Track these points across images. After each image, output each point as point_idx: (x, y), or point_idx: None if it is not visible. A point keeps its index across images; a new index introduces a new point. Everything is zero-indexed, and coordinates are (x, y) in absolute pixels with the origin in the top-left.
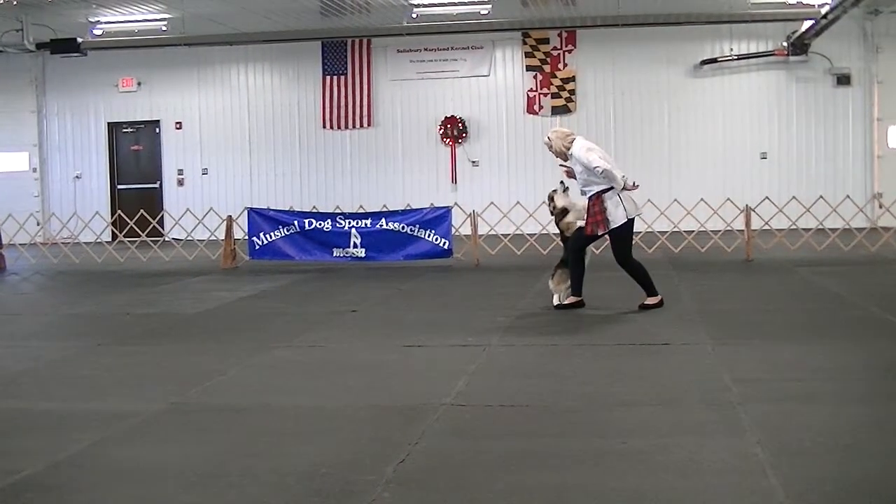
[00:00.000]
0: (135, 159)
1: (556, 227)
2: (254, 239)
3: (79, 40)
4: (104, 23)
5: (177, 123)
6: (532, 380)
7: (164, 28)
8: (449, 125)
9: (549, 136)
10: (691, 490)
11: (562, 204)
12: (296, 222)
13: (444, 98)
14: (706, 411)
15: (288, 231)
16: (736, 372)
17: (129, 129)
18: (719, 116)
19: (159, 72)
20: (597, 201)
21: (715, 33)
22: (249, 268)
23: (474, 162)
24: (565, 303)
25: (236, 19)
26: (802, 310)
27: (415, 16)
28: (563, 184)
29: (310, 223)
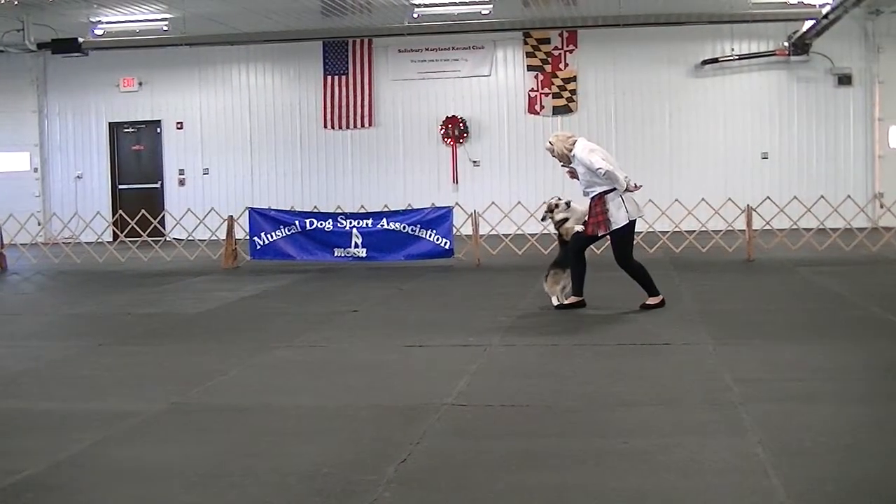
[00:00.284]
0: (136, 159)
1: (555, 229)
2: (255, 239)
3: (80, 40)
4: (105, 23)
5: (178, 123)
6: (533, 380)
7: (166, 28)
8: (450, 125)
9: (551, 141)
10: (692, 490)
11: (562, 216)
12: (297, 222)
13: (446, 98)
14: (707, 411)
15: (289, 231)
16: (737, 372)
17: (130, 129)
18: (720, 116)
19: (160, 72)
20: (599, 202)
21: (716, 33)
22: (250, 268)
23: (475, 162)
24: (566, 303)
25: (237, 19)
26: (803, 310)
27: (416, 16)
28: (569, 204)
29: (311, 223)
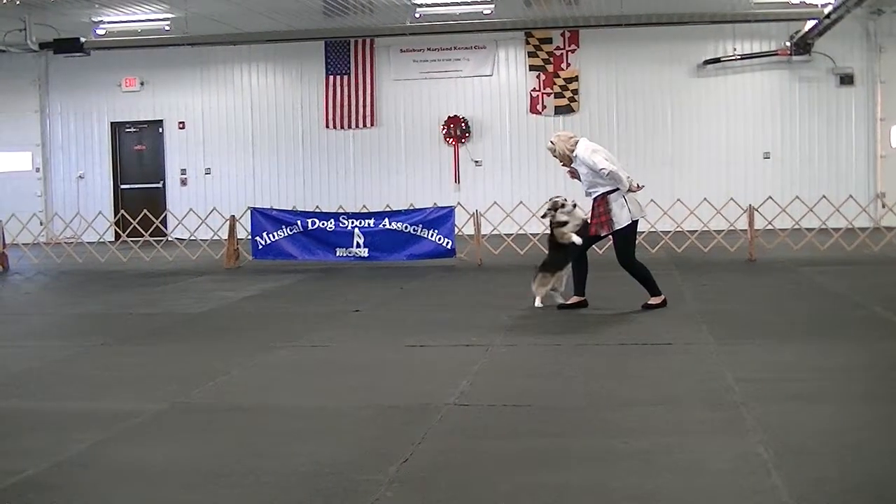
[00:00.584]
0: (138, 159)
1: (550, 228)
2: (257, 239)
3: (82, 40)
4: (107, 22)
5: (180, 123)
6: (535, 379)
7: (167, 28)
8: (452, 125)
9: (552, 141)
10: (694, 490)
11: (562, 219)
12: (299, 222)
13: (448, 98)
14: (709, 411)
15: (291, 231)
16: (739, 372)
17: (132, 129)
18: (722, 116)
19: (162, 71)
20: (601, 202)
21: (718, 33)
22: (252, 267)
23: (477, 162)
24: (568, 303)
25: (239, 19)
26: (805, 310)
27: (418, 15)
28: (574, 205)
29: (313, 223)
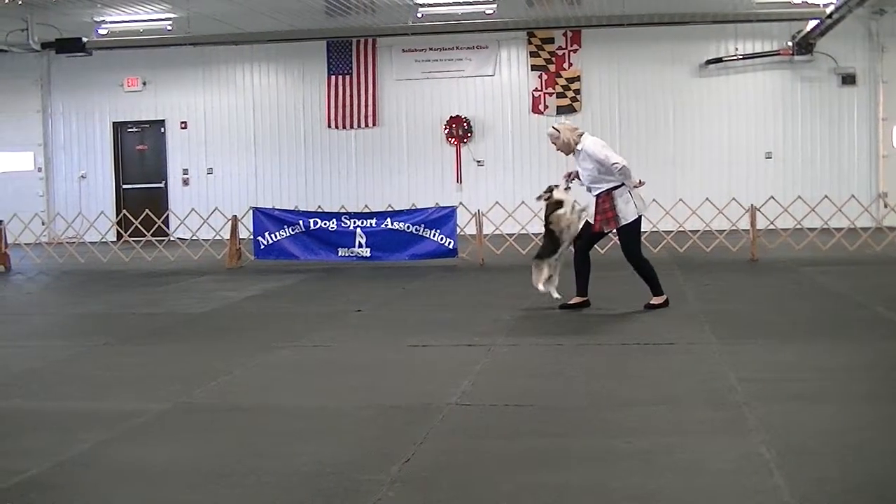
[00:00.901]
0: (140, 159)
1: (544, 218)
2: (259, 238)
3: (84, 40)
4: (109, 22)
5: (182, 123)
6: (537, 379)
7: (169, 28)
8: (454, 125)
9: (557, 128)
10: (696, 490)
11: (559, 197)
12: (301, 222)
13: (449, 98)
14: (711, 411)
15: (293, 231)
16: (741, 372)
17: (134, 129)
18: (724, 116)
19: (164, 71)
20: (606, 198)
21: (720, 33)
22: (254, 267)
23: (479, 161)
24: (571, 302)
25: (241, 19)
26: (807, 310)
27: (420, 15)
28: (569, 182)
29: (315, 223)
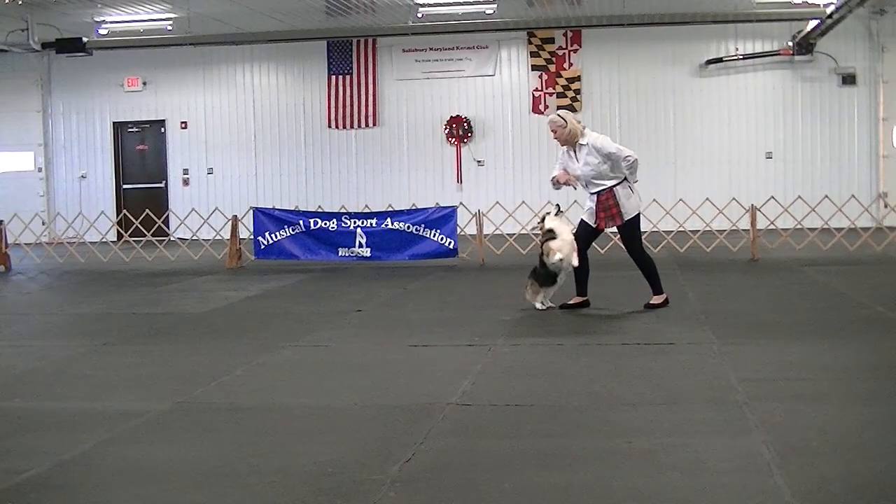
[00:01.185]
0: (140, 159)
1: (540, 242)
2: (259, 238)
3: (84, 40)
4: (109, 22)
5: (182, 123)
6: (537, 379)
7: (170, 28)
8: (454, 125)
9: (563, 116)
10: (697, 489)
11: (550, 226)
12: (301, 222)
13: (450, 98)
14: (712, 411)
15: (293, 231)
16: (741, 371)
17: (134, 129)
18: (724, 116)
19: (164, 71)
20: (609, 195)
21: (720, 33)
22: (255, 267)
23: (479, 162)
24: (570, 302)
25: (241, 19)
26: (808, 309)
27: (420, 15)
28: (559, 206)
29: (315, 223)
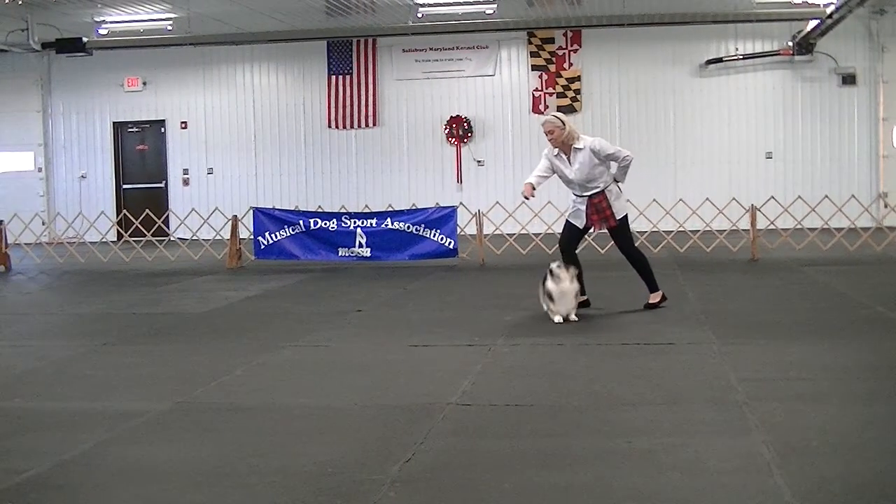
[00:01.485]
0: (140, 159)
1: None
2: (259, 238)
3: (84, 40)
4: (109, 22)
5: (182, 123)
6: (537, 379)
7: (170, 28)
8: (454, 125)
9: (561, 118)
10: (697, 489)
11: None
12: (301, 222)
13: (450, 98)
14: (712, 411)
15: (293, 231)
16: (742, 371)
17: (134, 129)
18: (724, 116)
19: (165, 71)
20: (602, 198)
21: (720, 33)
22: (255, 267)
23: (479, 161)
24: None
25: (241, 19)
26: (808, 309)
27: (420, 15)
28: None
29: (315, 223)
